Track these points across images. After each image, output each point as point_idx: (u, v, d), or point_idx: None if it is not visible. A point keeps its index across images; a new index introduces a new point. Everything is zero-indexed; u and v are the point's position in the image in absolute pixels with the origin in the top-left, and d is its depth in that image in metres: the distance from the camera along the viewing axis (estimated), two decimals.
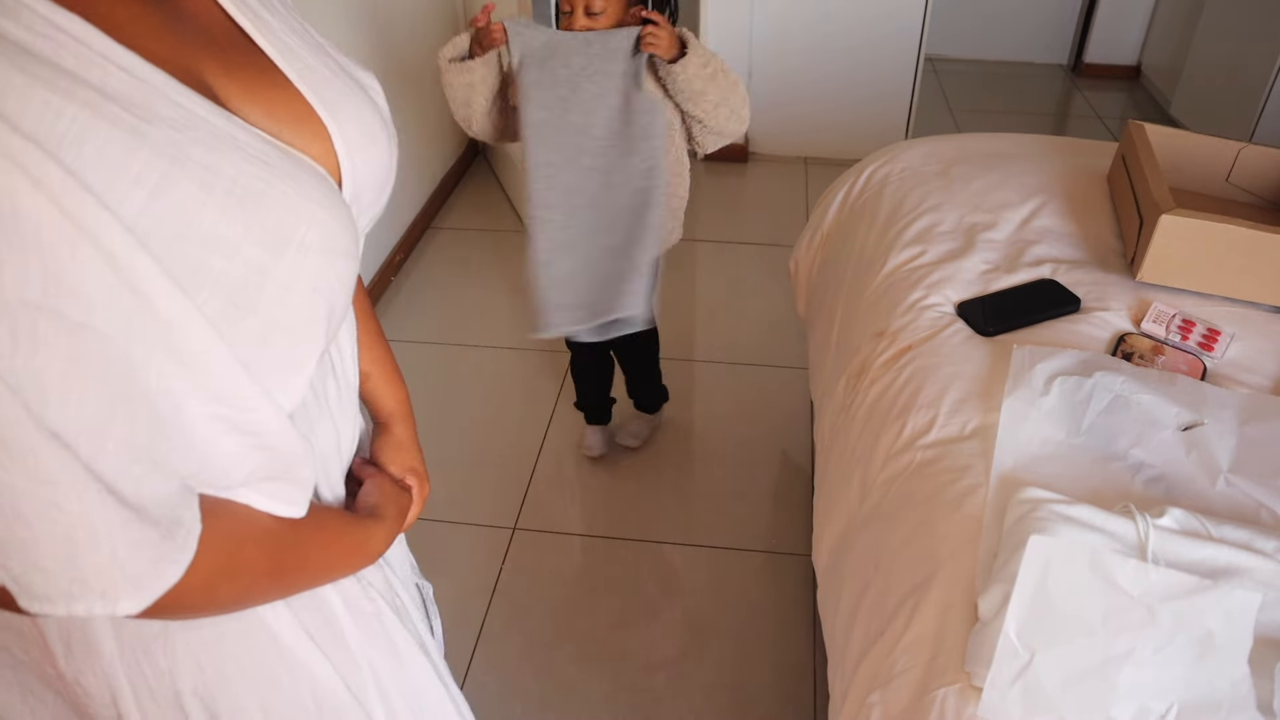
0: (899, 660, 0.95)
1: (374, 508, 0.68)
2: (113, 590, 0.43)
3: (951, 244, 1.52)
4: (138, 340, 0.42)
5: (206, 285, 0.45)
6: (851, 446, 1.29)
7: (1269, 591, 0.89)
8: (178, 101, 0.45)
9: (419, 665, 0.74)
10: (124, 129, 0.41)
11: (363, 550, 0.66)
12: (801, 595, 1.74)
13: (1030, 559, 0.88)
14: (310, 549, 0.60)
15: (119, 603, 0.44)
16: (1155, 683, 0.82)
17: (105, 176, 0.40)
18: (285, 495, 0.56)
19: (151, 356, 0.43)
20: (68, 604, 0.43)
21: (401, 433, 0.80)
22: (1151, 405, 1.12)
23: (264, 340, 0.49)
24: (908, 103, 3.31)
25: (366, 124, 0.60)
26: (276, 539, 0.56)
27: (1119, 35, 4.07)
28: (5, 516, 0.40)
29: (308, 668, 0.64)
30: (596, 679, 1.61)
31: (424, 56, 2.86)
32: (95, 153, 0.40)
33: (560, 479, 2.03)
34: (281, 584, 0.59)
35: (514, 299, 2.65)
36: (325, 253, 0.51)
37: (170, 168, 0.43)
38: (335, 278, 0.53)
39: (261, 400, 0.49)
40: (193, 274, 0.44)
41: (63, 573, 0.42)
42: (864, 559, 1.12)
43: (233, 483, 0.51)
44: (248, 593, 0.55)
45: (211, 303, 0.45)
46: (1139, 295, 1.37)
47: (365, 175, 0.60)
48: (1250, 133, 2.97)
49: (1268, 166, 1.61)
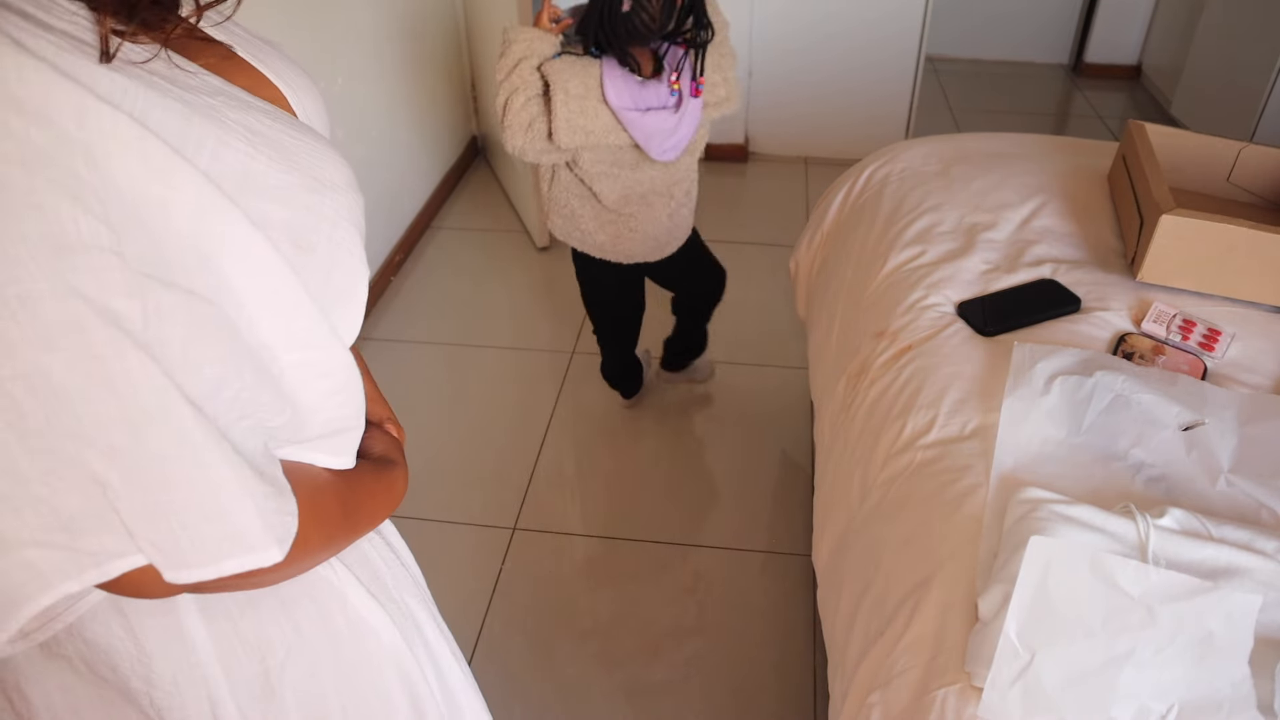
0: (899, 660, 0.95)
1: (384, 453, 0.70)
2: (260, 543, 0.46)
3: (952, 244, 1.52)
4: (233, 297, 0.45)
5: (276, 226, 0.48)
6: (851, 446, 1.29)
7: (1269, 592, 0.88)
8: (192, 73, 0.48)
9: (440, 650, 0.77)
10: (173, 97, 0.45)
11: (394, 492, 0.69)
12: (801, 595, 1.74)
13: (1030, 559, 0.88)
14: (362, 495, 0.62)
15: (268, 552, 0.46)
16: (1156, 683, 0.82)
17: (177, 141, 0.43)
18: (345, 444, 0.59)
19: (243, 311, 0.46)
20: (217, 564, 0.45)
21: (368, 386, 0.81)
22: (1152, 405, 1.12)
23: (328, 276, 0.52)
24: (908, 103, 3.31)
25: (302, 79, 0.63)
26: (337, 488, 0.58)
27: (1119, 35, 4.07)
28: (152, 488, 0.42)
29: (371, 626, 0.66)
30: (596, 679, 1.61)
31: (424, 56, 2.86)
32: (162, 121, 0.43)
33: (560, 479, 2.03)
34: (351, 530, 0.61)
35: (514, 299, 2.65)
36: (347, 185, 0.55)
37: (219, 129, 0.46)
38: (359, 207, 0.57)
39: (333, 338, 0.53)
40: (265, 216, 0.47)
41: (213, 532, 0.44)
42: (864, 559, 1.12)
43: (307, 436, 0.54)
44: (331, 540, 0.58)
45: (283, 247, 0.48)
46: (1139, 295, 1.37)
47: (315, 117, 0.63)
48: (1251, 132, 2.97)
49: (1268, 166, 1.61)
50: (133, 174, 0.41)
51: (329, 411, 0.55)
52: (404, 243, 2.77)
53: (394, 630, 0.68)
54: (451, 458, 2.06)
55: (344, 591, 0.64)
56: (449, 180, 3.14)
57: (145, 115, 0.42)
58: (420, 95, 2.84)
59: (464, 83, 3.24)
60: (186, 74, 0.48)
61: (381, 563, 0.71)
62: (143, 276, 0.41)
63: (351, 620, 0.65)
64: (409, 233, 2.81)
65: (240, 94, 0.51)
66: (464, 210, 3.08)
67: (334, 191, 0.53)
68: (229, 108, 0.48)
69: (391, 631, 0.68)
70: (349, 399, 0.57)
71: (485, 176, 3.29)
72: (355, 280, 0.57)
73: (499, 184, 3.21)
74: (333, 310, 0.54)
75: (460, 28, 3.14)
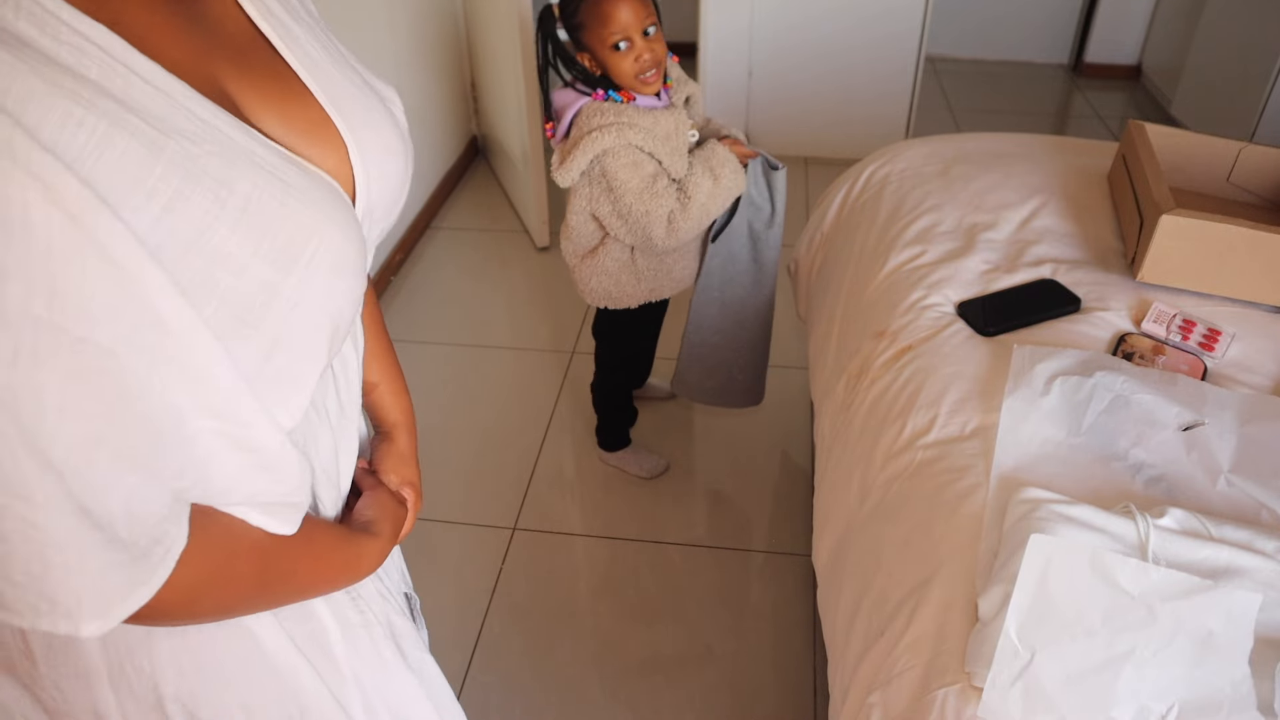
0: (899, 660, 0.95)
1: (369, 523, 0.67)
2: (78, 611, 0.43)
3: (952, 244, 1.52)
4: (143, 353, 0.42)
5: (214, 300, 0.44)
6: (851, 446, 1.29)
7: (1269, 592, 0.88)
8: (195, 113, 0.45)
9: (404, 680, 0.73)
10: (142, 141, 0.42)
11: (354, 566, 0.65)
12: (801, 595, 1.74)
13: (1030, 559, 0.88)
14: (300, 564, 0.59)
15: (83, 624, 0.43)
16: (1156, 683, 0.82)
17: (121, 188, 0.40)
18: (281, 514, 0.55)
19: (155, 369, 0.42)
20: (34, 619, 0.43)
21: (404, 444, 0.80)
22: (1152, 405, 1.12)
23: (267, 357, 0.48)
24: (908, 103, 3.31)
25: (384, 138, 0.60)
26: (266, 553, 0.55)
27: (1119, 35, 4.07)
28: None
29: (293, 674, 0.63)
30: (596, 679, 1.61)
31: (424, 56, 2.86)
32: (113, 165, 0.40)
33: (560, 479, 2.03)
34: (267, 598, 0.58)
35: (514, 299, 2.65)
36: (333, 271, 0.51)
37: (185, 182, 0.43)
38: (341, 296, 0.53)
39: (261, 417, 0.48)
40: (201, 287, 0.44)
41: (32, 588, 0.42)
42: (864, 559, 1.12)
43: (232, 501, 0.51)
44: (231, 605, 0.55)
45: (218, 317, 0.45)
46: (1139, 295, 1.37)
47: (380, 190, 0.59)
48: (1251, 132, 2.97)
49: (1268, 166, 1.61)
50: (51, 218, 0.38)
51: (255, 485, 0.51)
52: (404, 243, 2.78)
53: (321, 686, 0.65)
54: (451, 457, 2.06)
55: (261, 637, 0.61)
56: (449, 180, 3.14)
57: (97, 155, 0.40)
58: (420, 95, 2.84)
59: (464, 83, 3.24)
60: (185, 114, 0.45)
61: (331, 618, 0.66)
62: (22, 316, 0.38)
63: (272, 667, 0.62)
64: (409, 233, 2.81)
65: (250, 145, 0.48)
66: (464, 210, 3.08)
67: (310, 271, 0.48)
68: (213, 158, 0.45)
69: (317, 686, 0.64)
70: (285, 478, 0.52)
71: (485, 176, 3.29)
72: (306, 367, 0.52)
73: (499, 184, 3.21)
74: (269, 391, 0.49)
75: (460, 28, 3.14)
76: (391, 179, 0.61)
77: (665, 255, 1.63)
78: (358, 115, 0.57)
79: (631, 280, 1.64)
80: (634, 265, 1.62)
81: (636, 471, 2.01)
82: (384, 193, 0.60)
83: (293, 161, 0.51)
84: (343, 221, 0.52)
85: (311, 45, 0.58)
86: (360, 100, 0.59)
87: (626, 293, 1.66)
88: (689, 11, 3.23)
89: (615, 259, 1.61)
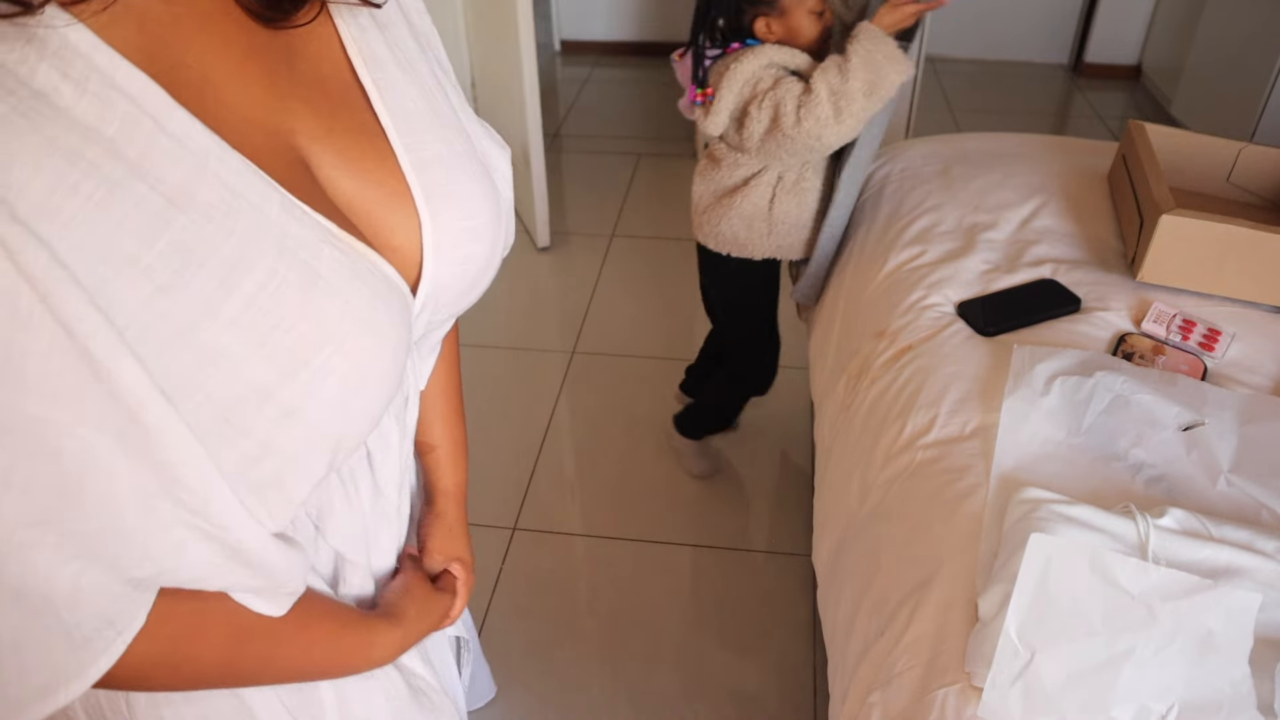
0: (899, 660, 0.95)
1: (391, 607, 0.61)
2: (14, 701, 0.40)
3: (951, 244, 1.52)
4: (109, 437, 0.38)
5: (197, 396, 0.40)
6: (851, 446, 1.29)
7: (1270, 591, 0.88)
8: (225, 181, 0.41)
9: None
10: (146, 212, 0.38)
11: (361, 655, 0.59)
12: (801, 595, 1.74)
13: (1030, 558, 0.88)
14: (284, 649, 0.53)
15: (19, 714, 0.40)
16: (1156, 682, 0.82)
17: (108, 266, 0.37)
18: (267, 596, 0.49)
19: (119, 456, 0.38)
20: None
21: (453, 516, 0.73)
22: (1152, 405, 1.12)
23: (255, 461, 0.43)
24: (908, 103, 3.31)
25: (470, 216, 0.53)
26: (242, 633, 0.49)
27: (1119, 35, 4.07)
28: None
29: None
30: (596, 679, 1.61)
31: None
32: (104, 237, 0.36)
33: (560, 479, 2.03)
34: (235, 680, 0.52)
35: (514, 299, 2.65)
36: (345, 385, 0.44)
37: (187, 265, 0.38)
38: (354, 415, 0.46)
39: (241, 517, 0.43)
40: (184, 385, 0.39)
41: None
42: (864, 559, 1.12)
43: (210, 588, 0.46)
44: (189, 684, 0.51)
45: (199, 415, 0.40)
46: (1139, 295, 1.37)
47: (453, 273, 0.53)
48: (1252, 132, 2.97)
49: (1269, 166, 1.61)
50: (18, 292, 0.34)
51: (232, 578, 0.46)
52: None
53: None
54: None
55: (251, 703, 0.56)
56: None
57: (86, 226, 0.36)
58: None
59: (464, 82, 3.24)
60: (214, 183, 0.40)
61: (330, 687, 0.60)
62: None
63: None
64: None
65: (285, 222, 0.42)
66: None
67: (318, 378, 0.43)
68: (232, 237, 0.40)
69: None
70: (270, 573, 0.47)
71: None
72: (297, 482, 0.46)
73: None
74: (251, 495, 0.43)
75: (461, 28, 3.14)
76: (470, 264, 0.54)
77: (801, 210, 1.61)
78: (445, 186, 0.51)
79: (764, 229, 1.63)
80: (769, 214, 1.62)
81: (690, 466, 2.02)
82: (457, 279, 0.53)
83: (336, 243, 0.45)
84: (376, 323, 0.46)
85: (414, 98, 0.52)
86: (453, 169, 0.52)
87: (755, 242, 1.65)
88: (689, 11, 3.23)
89: (754, 204, 1.61)
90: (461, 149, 0.54)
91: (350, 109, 0.49)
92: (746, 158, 1.58)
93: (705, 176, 1.66)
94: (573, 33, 4.49)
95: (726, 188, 1.64)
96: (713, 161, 1.64)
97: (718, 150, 1.63)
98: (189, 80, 0.40)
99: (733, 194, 1.63)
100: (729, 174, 1.61)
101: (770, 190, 1.61)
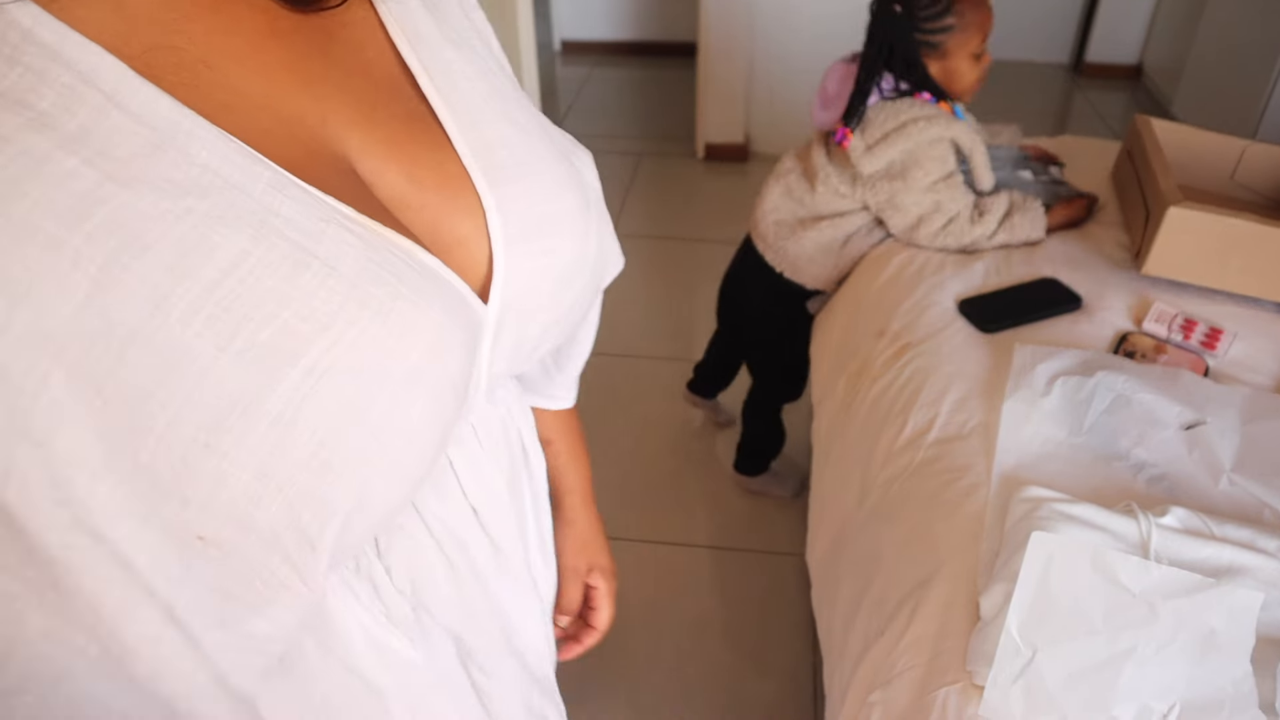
0: (900, 659, 0.95)
1: None
2: None
3: None
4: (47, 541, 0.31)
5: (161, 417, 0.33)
6: (851, 445, 1.29)
7: (1271, 590, 0.88)
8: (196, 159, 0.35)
9: None
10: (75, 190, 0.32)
11: None
12: (800, 595, 1.74)
13: (1032, 557, 0.88)
14: None
15: None
16: (1157, 681, 0.82)
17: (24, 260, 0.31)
18: None
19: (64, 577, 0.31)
20: None
21: (584, 522, 0.66)
22: (1153, 404, 1.11)
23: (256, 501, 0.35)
24: None
25: (548, 200, 0.46)
26: None
27: (1120, 34, 4.07)
28: None
29: None
30: (596, 679, 1.60)
31: None
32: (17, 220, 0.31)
33: None
34: None
35: None
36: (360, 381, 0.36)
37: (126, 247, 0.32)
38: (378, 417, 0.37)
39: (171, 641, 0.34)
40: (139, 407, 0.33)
41: None
42: (864, 558, 1.12)
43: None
44: None
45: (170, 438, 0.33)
46: (1141, 294, 1.36)
47: (530, 272, 0.45)
48: (1253, 132, 2.96)
49: (1273, 165, 1.61)
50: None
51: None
52: None
53: None
54: None
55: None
56: None
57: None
58: None
59: None
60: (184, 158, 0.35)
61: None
62: None
63: None
64: None
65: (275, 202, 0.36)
66: None
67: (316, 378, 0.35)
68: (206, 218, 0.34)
69: None
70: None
71: None
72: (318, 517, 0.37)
73: None
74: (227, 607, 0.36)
75: None
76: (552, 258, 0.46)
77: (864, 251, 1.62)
78: (508, 169, 0.44)
79: (829, 262, 1.63)
80: (840, 251, 1.62)
81: (781, 493, 1.97)
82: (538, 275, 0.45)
83: (347, 224, 0.38)
84: (399, 312, 0.37)
85: (470, 76, 0.46)
86: (520, 149, 0.46)
87: (814, 272, 1.65)
88: (689, 11, 3.23)
89: (832, 237, 1.60)
90: (531, 126, 0.48)
91: (397, 95, 0.44)
92: (849, 190, 1.55)
93: (792, 193, 1.63)
94: (573, 33, 4.49)
95: (815, 213, 1.62)
96: (805, 180, 1.61)
97: (822, 172, 1.58)
98: (178, 62, 0.37)
99: (819, 221, 1.61)
100: (825, 202, 1.59)
101: (854, 229, 1.60)
